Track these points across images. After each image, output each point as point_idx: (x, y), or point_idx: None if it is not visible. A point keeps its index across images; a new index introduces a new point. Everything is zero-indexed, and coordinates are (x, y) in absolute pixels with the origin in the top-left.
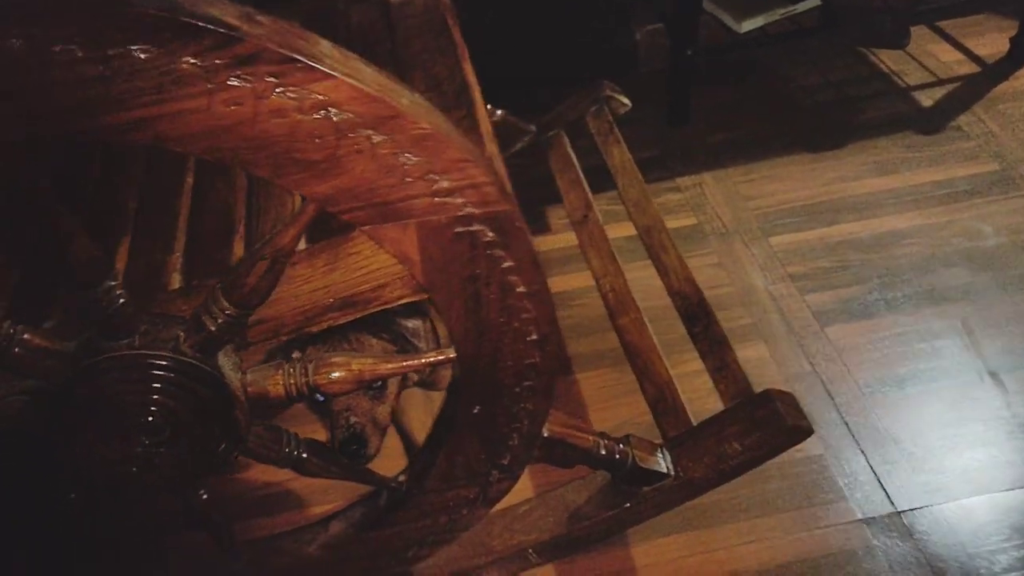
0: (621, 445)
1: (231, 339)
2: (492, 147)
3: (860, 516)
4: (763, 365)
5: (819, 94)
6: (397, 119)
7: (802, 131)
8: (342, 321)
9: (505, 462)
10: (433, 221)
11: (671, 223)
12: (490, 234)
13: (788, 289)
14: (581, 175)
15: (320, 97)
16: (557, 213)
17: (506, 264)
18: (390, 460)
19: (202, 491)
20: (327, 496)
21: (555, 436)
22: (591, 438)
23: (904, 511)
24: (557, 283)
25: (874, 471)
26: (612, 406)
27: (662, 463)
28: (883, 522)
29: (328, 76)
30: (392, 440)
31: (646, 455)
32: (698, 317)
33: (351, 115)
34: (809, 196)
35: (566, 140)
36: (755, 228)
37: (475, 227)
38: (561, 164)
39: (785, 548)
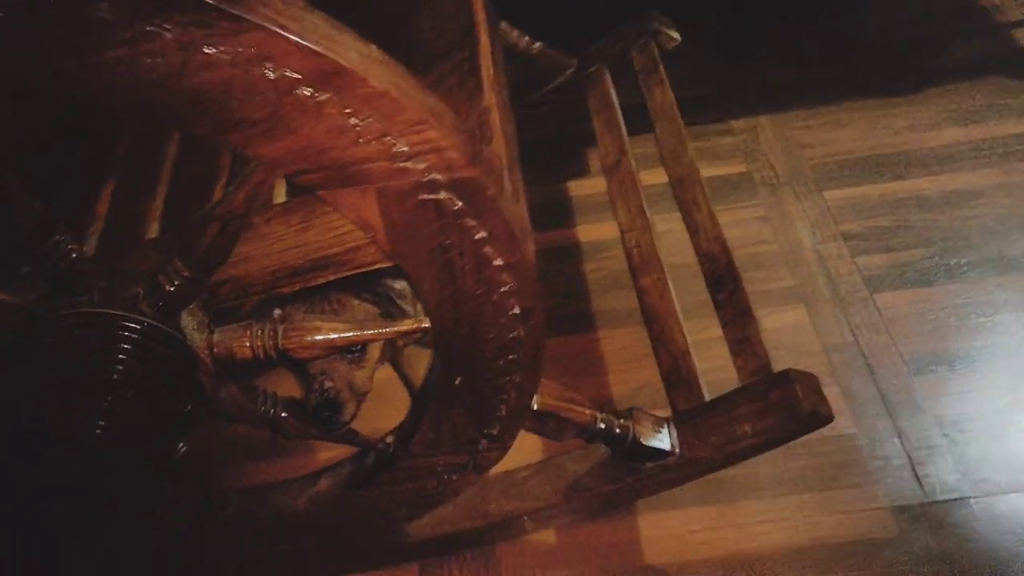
0: (622, 420)
1: (192, 298)
2: (492, 96)
3: (888, 503)
4: (800, 332)
5: (899, 31)
6: (342, 76)
7: (875, 72)
8: (314, 283)
9: (494, 432)
10: (394, 187)
11: (719, 170)
12: (458, 203)
13: (839, 249)
14: (619, 116)
15: (252, 51)
16: (597, 155)
17: (479, 235)
18: (400, 413)
19: (181, 445)
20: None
21: (546, 409)
22: (587, 412)
23: (937, 502)
24: (589, 231)
25: (909, 456)
26: (633, 368)
27: (666, 440)
28: (913, 511)
29: (258, 27)
30: (401, 391)
31: (648, 431)
32: (724, 283)
33: (288, 72)
34: (874, 146)
35: (608, 77)
36: (809, 180)
37: (441, 195)
38: (600, 103)
39: (802, 531)
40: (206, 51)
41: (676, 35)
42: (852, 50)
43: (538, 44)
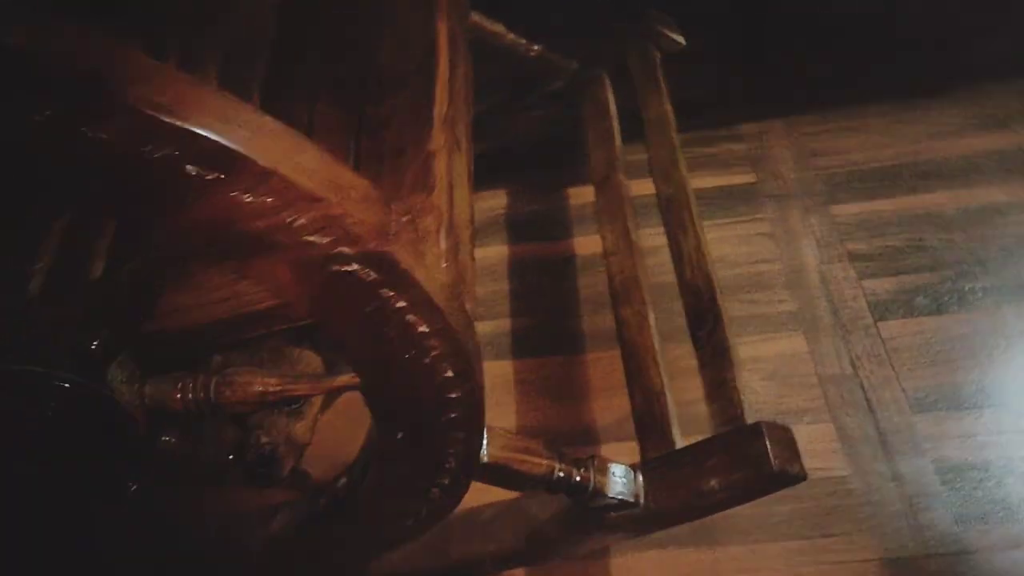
0: (583, 469)
1: (117, 353)
2: (441, 136)
3: (880, 555)
4: (797, 361)
5: (923, 23)
6: (226, 155)
7: (896, 72)
8: (248, 336)
9: (445, 482)
10: (304, 258)
11: (725, 179)
12: (372, 274)
13: (844, 271)
14: (614, 127)
15: (129, 132)
16: None
17: (399, 304)
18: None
19: (131, 485)
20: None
21: (498, 462)
22: (543, 462)
23: (933, 555)
24: (584, 244)
25: (906, 503)
26: (619, 395)
27: (630, 490)
28: (905, 564)
29: (133, 110)
30: None
31: (611, 481)
32: (705, 320)
33: (172, 152)
34: (891, 155)
35: (607, 83)
36: (818, 192)
37: (354, 267)
38: (595, 112)
39: None
40: (85, 132)
41: (680, 39)
42: (871, 46)
43: (536, 47)
